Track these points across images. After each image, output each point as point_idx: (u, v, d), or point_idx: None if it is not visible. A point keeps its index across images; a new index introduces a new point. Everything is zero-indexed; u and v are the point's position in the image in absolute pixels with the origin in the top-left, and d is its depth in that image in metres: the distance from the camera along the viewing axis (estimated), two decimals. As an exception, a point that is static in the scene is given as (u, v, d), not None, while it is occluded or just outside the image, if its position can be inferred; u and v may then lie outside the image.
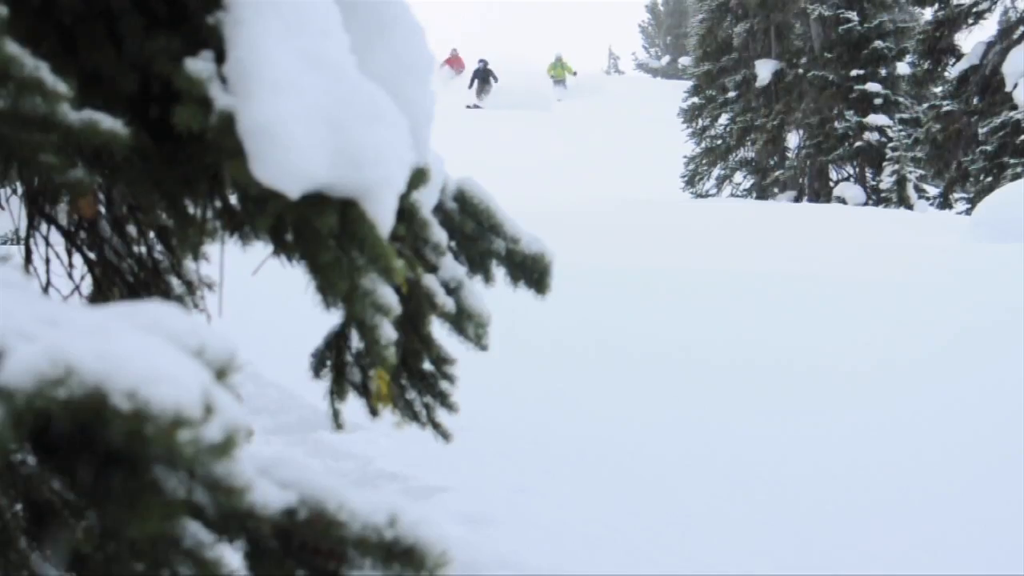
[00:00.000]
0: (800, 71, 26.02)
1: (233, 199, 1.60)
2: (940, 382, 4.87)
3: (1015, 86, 19.30)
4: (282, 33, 1.40)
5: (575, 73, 42.52)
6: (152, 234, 2.50)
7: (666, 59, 59.69)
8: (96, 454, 1.00)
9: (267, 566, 1.10)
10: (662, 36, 61.93)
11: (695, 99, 29.02)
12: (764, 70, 26.76)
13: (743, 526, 3.30)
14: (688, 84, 30.42)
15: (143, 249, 2.51)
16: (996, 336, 5.47)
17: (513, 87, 37.72)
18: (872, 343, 5.54)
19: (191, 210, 1.65)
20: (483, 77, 38.51)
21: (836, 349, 5.41)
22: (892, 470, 3.77)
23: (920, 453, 3.95)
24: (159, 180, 1.57)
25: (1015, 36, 20.16)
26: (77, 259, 2.49)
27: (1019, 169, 18.51)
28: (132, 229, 2.48)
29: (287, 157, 1.32)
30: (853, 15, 24.66)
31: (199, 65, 1.36)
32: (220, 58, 1.39)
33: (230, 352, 1.08)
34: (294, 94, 1.36)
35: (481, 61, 38.63)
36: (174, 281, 2.57)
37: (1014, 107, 19.36)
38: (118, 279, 2.46)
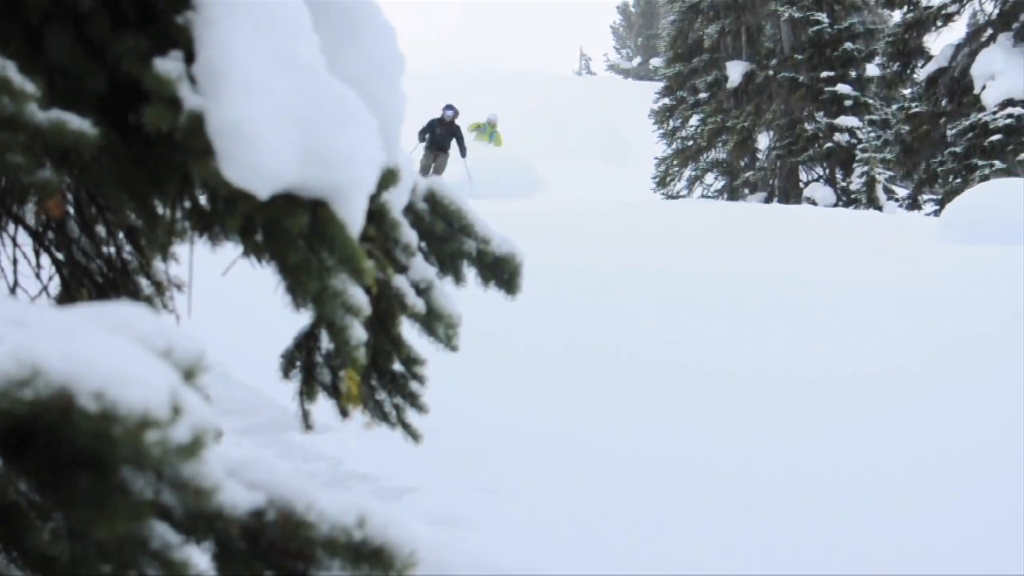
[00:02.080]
0: (771, 72, 26.15)
1: (203, 199, 1.59)
2: (920, 387, 4.90)
3: (983, 88, 19.46)
4: (252, 33, 1.40)
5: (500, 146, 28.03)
6: (121, 234, 2.49)
7: (637, 60, 59.83)
8: (63, 455, 0.99)
9: (235, 567, 1.09)
10: (633, 37, 62.08)
11: (666, 100, 29.15)
12: (735, 71, 26.88)
13: (714, 528, 3.31)
14: (659, 85, 30.52)
15: (112, 249, 2.50)
16: (978, 340, 5.51)
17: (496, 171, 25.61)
18: (848, 347, 5.56)
19: (160, 210, 1.65)
20: (441, 138, 24.02)
21: (813, 353, 5.43)
22: (869, 477, 3.78)
23: (897, 460, 3.97)
24: (128, 180, 1.57)
25: (983, 38, 20.32)
26: (45, 259, 2.48)
27: (987, 171, 18.66)
28: (101, 229, 2.47)
29: (257, 157, 1.32)
30: (823, 17, 24.80)
31: (168, 65, 1.35)
32: (190, 58, 1.38)
33: (198, 353, 1.08)
34: (264, 94, 1.36)
35: (449, 110, 23.88)
36: (143, 282, 2.56)
37: (982, 109, 19.51)
38: (87, 280, 2.45)
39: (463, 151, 24.57)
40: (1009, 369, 4.85)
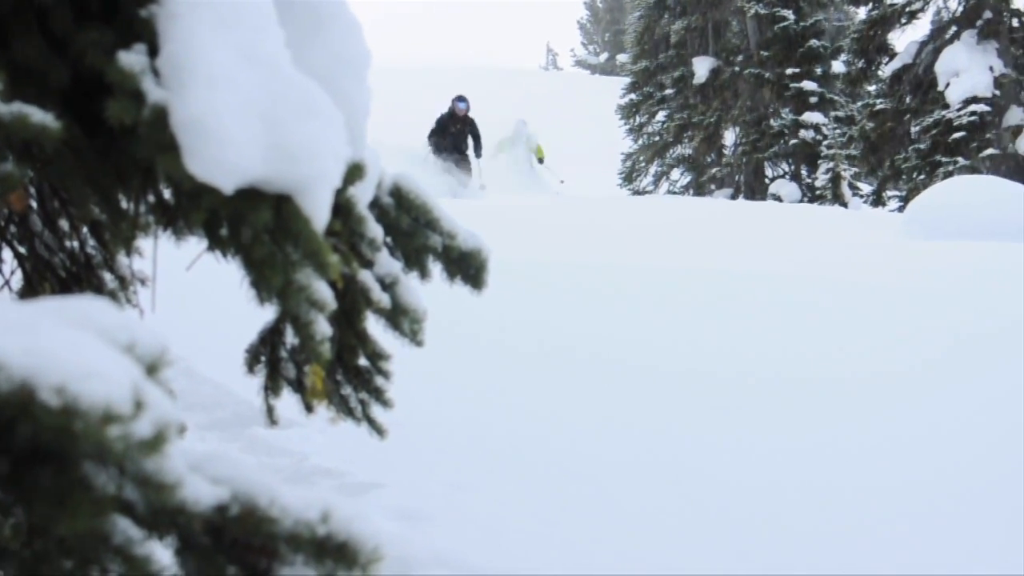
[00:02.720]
0: (737, 69, 26.26)
1: (167, 194, 1.59)
2: (906, 387, 4.90)
3: (947, 85, 19.60)
4: (216, 27, 1.39)
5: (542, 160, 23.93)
6: (85, 229, 2.48)
7: (604, 56, 59.91)
8: (24, 450, 0.99)
9: (198, 563, 1.09)
10: (600, 33, 62.15)
11: (633, 96, 29.22)
12: (701, 67, 26.97)
13: (683, 529, 3.31)
14: (626, 81, 30.59)
15: (75, 244, 2.48)
16: (958, 340, 5.55)
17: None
18: (824, 346, 5.57)
19: (124, 204, 1.64)
20: (457, 138, 20.31)
21: (787, 351, 5.41)
22: (847, 484, 3.77)
23: (872, 466, 3.98)
24: (91, 174, 1.56)
25: (947, 36, 20.47)
26: (7, 254, 2.46)
27: (951, 167, 18.80)
28: (64, 223, 2.46)
29: (221, 151, 1.32)
30: (789, 14, 24.94)
31: (132, 59, 1.35)
32: (153, 52, 1.38)
33: (161, 347, 1.08)
34: (228, 88, 1.35)
35: (461, 102, 20.54)
36: (107, 276, 2.55)
37: (946, 106, 19.65)
38: (49, 274, 2.44)
39: (479, 149, 20.77)
40: (997, 371, 4.88)
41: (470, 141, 20.69)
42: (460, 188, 19.34)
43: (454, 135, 20.33)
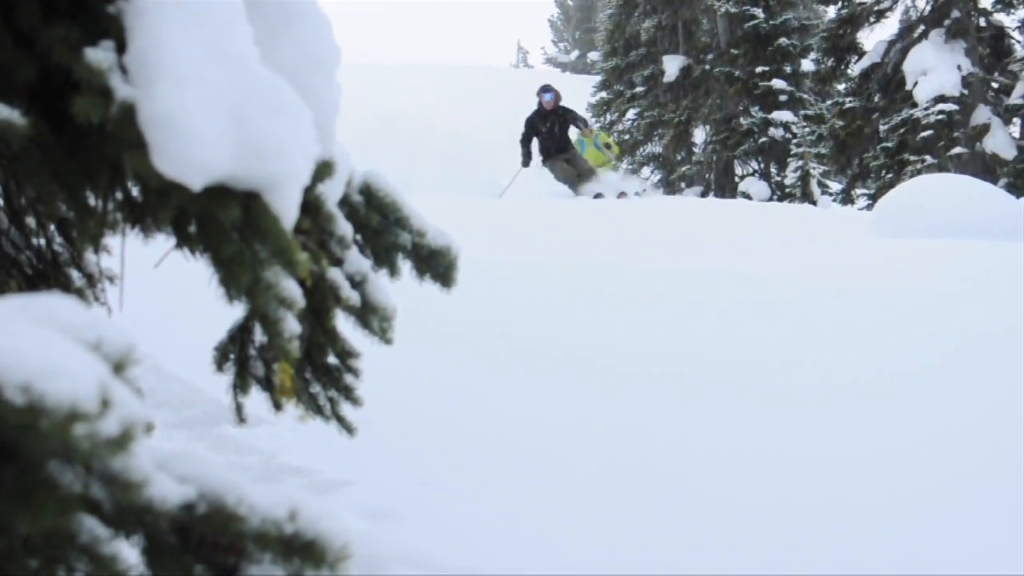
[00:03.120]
0: (707, 67, 26.31)
1: (135, 191, 1.58)
2: (887, 388, 4.92)
3: (915, 84, 19.70)
4: (185, 24, 1.39)
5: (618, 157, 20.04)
6: (52, 226, 2.46)
7: (575, 54, 59.91)
8: (-11, 449, 0.98)
9: (165, 562, 1.09)
10: (571, 31, 62.14)
11: (603, 94, 29.29)
12: (672, 66, 27.02)
13: (654, 530, 3.31)
14: (596, 79, 30.65)
15: (42, 241, 2.47)
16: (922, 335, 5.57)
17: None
18: (794, 347, 5.58)
19: (92, 202, 1.63)
20: (553, 137, 16.48)
21: (762, 354, 5.41)
22: (820, 490, 3.78)
23: (841, 470, 4.00)
24: (58, 171, 1.55)
25: (915, 35, 20.58)
26: (-27, 251, 2.44)
27: (919, 166, 18.91)
28: (31, 221, 2.44)
29: (189, 148, 1.31)
30: (759, 12, 25.01)
31: (99, 55, 1.34)
32: (121, 48, 1.37)
33: (128, 345, 1.07)
34: (196, 85, 1.35)
35: (547, 93, 16.71)
36: (74, 274, 2.53)
37: (914, 105, 19.76)
38: (16, 271, 2.42)
39: (585, 130, 17.16)
40: (984, 376, 4.90)
41: (573, 133, 16.96)
42: (582, 184, 16.13)
43: (548, 134, 16.52)
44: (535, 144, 16.69)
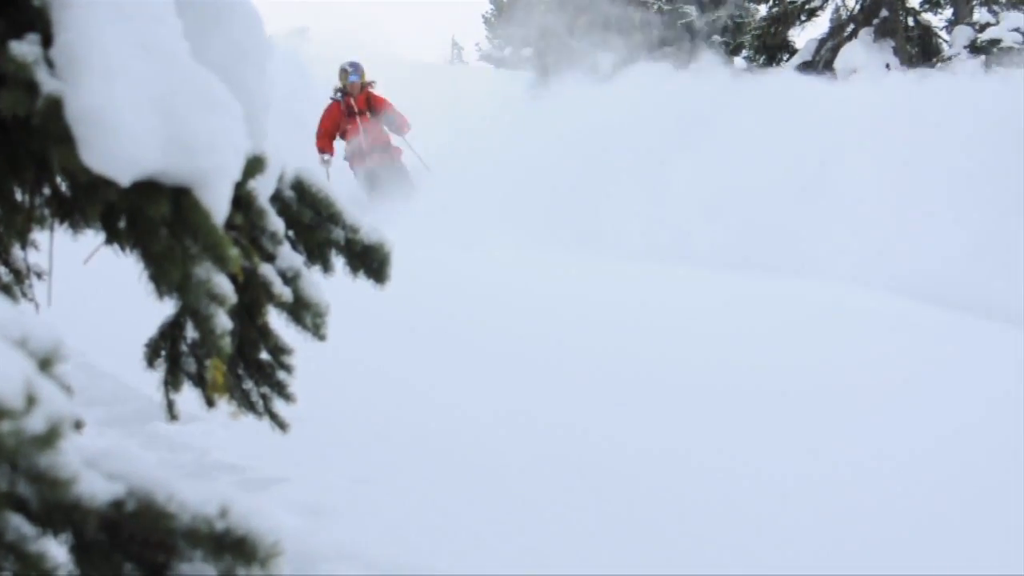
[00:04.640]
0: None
1: (63, 186, 1.56)
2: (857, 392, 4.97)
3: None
4: (112, 17, 1.37)
5: None
6: (-22, 221, 2.43)
7: (509, 50, 59.91)
8: (-88, 447, 0.97)
9: (94, 560, 1.08)
10: (505, 26, 62.13)
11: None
12: (606, 61, 27.09)
13: (589, 525, 3.31)
14: (531, 76, 30.71)
15: (-31, 237, 2.43)
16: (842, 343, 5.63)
17: None
18: (720, 339, 5.62)
19: (19, 197, 1.61)
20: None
21: (706, 344, 5.43)
22: (761, 478, 3.80)
23: (792, 465, 4.02)
24: (-17, 166, 1.53)
25: (846, 33, 20.80)
26: None
27: (851, 163, 19.10)
28: (-43, 216, 2.41)
29: (117, 143, 1.30)
30: (692, 9, 25.13)
31: (24, 48, 1.33)
32: (47, 42, 1.36)
33: (56, 341, 1.06)
34: (124, 80, 1.34)
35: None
36: (1, 270, 2.50)
37: (845, 102, 19.95)
38: (-58, 267, 2.39)
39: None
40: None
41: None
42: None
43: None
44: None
